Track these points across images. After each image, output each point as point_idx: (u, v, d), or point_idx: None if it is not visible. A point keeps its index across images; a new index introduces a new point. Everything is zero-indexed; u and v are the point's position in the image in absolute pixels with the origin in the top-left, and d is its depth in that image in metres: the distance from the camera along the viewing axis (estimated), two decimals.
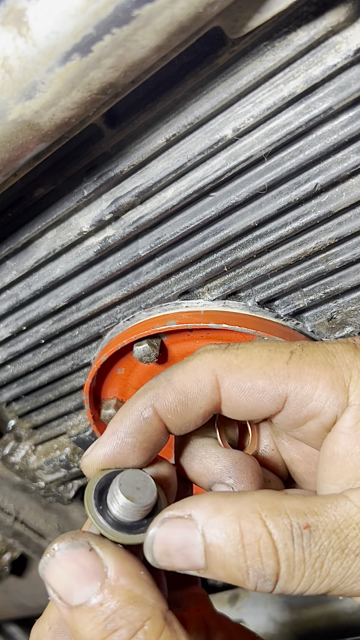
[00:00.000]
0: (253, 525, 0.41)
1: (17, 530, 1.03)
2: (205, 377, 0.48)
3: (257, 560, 0.41)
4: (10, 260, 0.69)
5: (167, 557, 0.43)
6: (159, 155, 0.58)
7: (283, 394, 0.46)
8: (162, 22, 0.40)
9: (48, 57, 0.42)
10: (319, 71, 0.50)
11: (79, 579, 0.43)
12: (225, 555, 0.41)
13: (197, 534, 0.42)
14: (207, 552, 0.42)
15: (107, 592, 0.43)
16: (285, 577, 0.41)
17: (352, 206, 0.57)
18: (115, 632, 0.41)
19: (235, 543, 0.41)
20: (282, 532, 0.41)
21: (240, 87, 0.52)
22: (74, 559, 0.44)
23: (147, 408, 0.48)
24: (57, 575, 0.44)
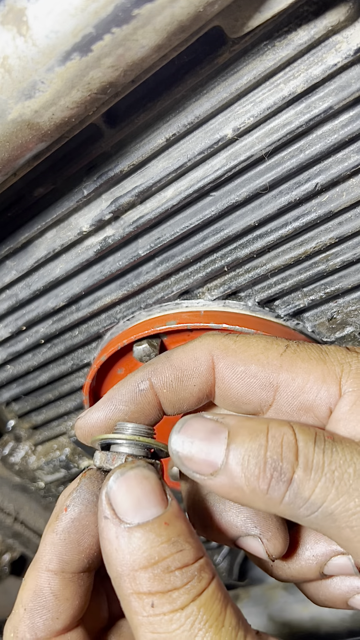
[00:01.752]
0: (280, 425, 0.42)
1: (17, 531, 1.03)
2: (202, 355, 0.49)
3: (277, 451, 0.41)
4: (10, 260, 0.69)
5: (189, 444, 0.43)
6: (159, 155, 0.58)
7: (274, 383, 0.47)
8: (162, 22, 0.40)
9: (48, 56, 0.41)
10: (320, 70, 0.50)
11: (148, 498, 0.43)
12: (248, 449, 0.41)
13: (225, 429, 0.43)
14: (229, 445, 0.42)
15: (173, 517, 0.42)
16: (300, 477, 0.40)
17: (353, 206, 0.56)
18: (181, 552, 0.41)
19: (260, 437, 0.41)
20: (305, 434, 0.42)
21: (240, 86, 0.52)
22: (142, 481, 0.44)
23: (144, 381, 0.49)
24: (123, 492, 0.43)
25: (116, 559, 0.42)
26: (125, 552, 0.41)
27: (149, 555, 0.41)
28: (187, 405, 0.50)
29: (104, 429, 0.49)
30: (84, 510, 0.47)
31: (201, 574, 0.41)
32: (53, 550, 0.47)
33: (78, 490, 0.48)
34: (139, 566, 0.41)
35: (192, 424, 0.44)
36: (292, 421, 0.43)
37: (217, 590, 0.41)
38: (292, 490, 0.41)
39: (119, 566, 0.42)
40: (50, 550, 0.47)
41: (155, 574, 0.41)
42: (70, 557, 0.47)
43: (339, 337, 0.66)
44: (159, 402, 0.50)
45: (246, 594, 1.17)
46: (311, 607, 1.08)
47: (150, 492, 0.43)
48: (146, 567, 0.41)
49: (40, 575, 0.47)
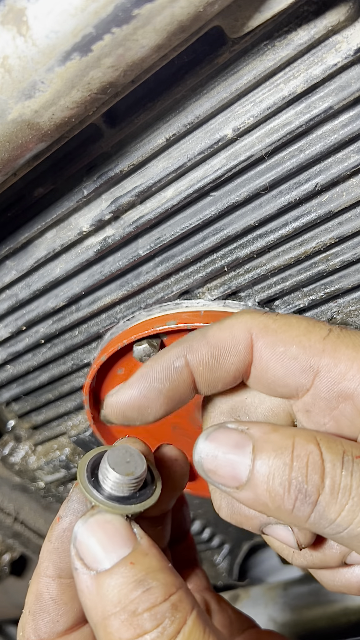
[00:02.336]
0: (306, 442, 0.41)
1: (17, 531, 1.03)
2: (240, 333, 0.47)
3: (302, 472, 0.40)
4: (9, 260, 0.69)
5: (213, 458, 0.43)
6: (159, 155, 0.58)
7: (315, 367, 0.45)
8: (162, 22, 0.40)
9: (48, 56, 0.41)
10: (320, 70, 0.50)
11: (112, 541, 0.42)
12: (272, 466, 0.41)
13: (250, 442, 0.42)
14: (254, 462, 0.41)
15: (140, 555, 0.41)
16: (326, 499, 0.40)
17: (353, 206, 0.56)
18: (147, 591, 0.39)
19: (285, 455, 0.41)
20: (333, 453, 0.41)
21: (240, 86, 0.52)
22: (104, 526, 0.43)
23: (179, 357, 0.48)
24: (87, 541, 0.42)
25: (90, 608, 0.41)
26: (96, 600, 0.40)
27: (116, 600, 0.39)
28: (222, 384, 0.49)
29: (137, 408, 0.48)
30: (74, 520, 0.47)
31: (174, 614, 0.39)
32: (49, 558, 0.48)
33: (69, 501, 0.48)
34: (108, 613, 0.39)
35: (216, 437, 0.44)
36: (319, 434, 0.42)
37: (196, 629, 0.39)
38: (317, 512, 0.40)
39: (93, 616, 0.41)
40: (46, 557, 0.48)
41: (124, 620, 0.39)
42: (64, 564, 0.47)
43: None
44: (193, 380, 0.48)
45: (246, 594, 1.17)
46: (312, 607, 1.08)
47: (113, 535, 0.42)
48: (115, 613, 0.39)
49: (40, 580, 0.48)
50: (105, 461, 0.45)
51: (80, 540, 0.43)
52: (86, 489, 0.45)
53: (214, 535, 1.08)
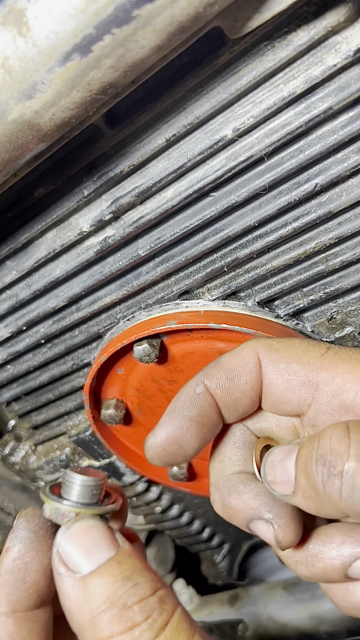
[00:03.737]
0: (336, 427, 0.43)
1: None
2: (248, 355, 0.50)
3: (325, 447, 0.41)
4: (10, 260, 0.69)
5: (271, 469, 0.46)
6: (159, 155, 0.58)
7: (314, 382, 0.47)
8: (162, 22, 0.40)
9: (48, 57, 0.42)
10: (319, 71, 0.50)
11: (97, 545, 0.43)
12: (304, 455, 0.43)
13: (297, 447, 0.45)
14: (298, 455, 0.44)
15: (125, 556, 0.43)
16: (353, 467, 0.40)
17: (352, 206, 0.57)
18: (136, 585, 0.41)
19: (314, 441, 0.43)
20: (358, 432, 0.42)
21: (240, 87, 0.52)
22: (89, 530, 0.44)
23: (198, 385, 0.50)
24: (71, 546, 0.43)
25: (76, 611, 0.41)
26: (83, 602, 0.41)
27: (105, 597, 0.40)
28: (242, 407, 0.51)
29: (174, 442, 0.50)
30: (23, 548, 0.47)
31: (162, 606, 0.40)
32: (1, 593, 0.47)
33: (15, 531, 0.48)
34: (97, 611, 0.40)
35: (274, 452, 0.47)
36: (350, 421, 0.43)
37: (182, 621, 0.40)
38: (346, 482, 0.40)
39: (80, 617, 0.41)
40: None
41: (114, 614, 0.40)
42: (17, 596, 0.47)
43: (338, 337, 0.67)
44: (217, 406, 0.51)
45: (246, 593, 1.17)
46: (311, 606, 1.09)
47: (98, 539, 0.44)
48: (104, 610, 0.40)
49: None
50: (68, 474, 0.48)
51: (64, 547, 0.44)
52: (58, 502, 0.47)
53: (214, 534, 1.08)
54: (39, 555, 0.47)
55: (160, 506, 0.98)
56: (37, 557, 0.47)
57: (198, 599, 1.18)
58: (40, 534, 0.48)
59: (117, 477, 0.92)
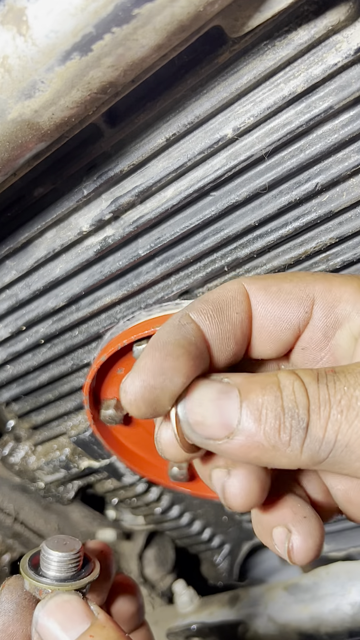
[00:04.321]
0: (288, 374, 0.40)
1: (17, 531, 1.03)
2: (235, 287, 0.47)
3: (291, 399, 0.39)
4: (9, 260, 0.69)
5: (198, 407, 0.41)
6: (159, 155, 0.58)
7: (310, 296, 0.46)
8: (162, 21, 0.40)
9: (48, 56, 0.41)
10: (320, 70, 0.50)
11: (71, 619, 0.45)
12: (264, 402, 0.39)
13: (234, 388, 0.40)
14: (243, 402, 0.39)
15: (98, 628, 0.44)
16: (313, 418, 0.38)
17: (353, 206, 0.56)
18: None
19: (274, 389, 0.40)
20: (307, 375, 0.40)
21: (240, 86, 0.52)
22: (63, 605, 0.46)
23: (183, 316, 0.45)
24: (47, 623, 0.45)
25: None
26: None
27: None
28: (235, 342, 0.47)
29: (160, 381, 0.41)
30: (7, 620, 0.49)
31: None
32: None
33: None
34: None
35: (198, 388, 0.42)
36: (295, 369, 0.42)
37: None
38: (309, 436, 0.39)
39: None
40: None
41: None
42: None
43: None
44: (205, 339, 0.45)
45: (246, 594, 1.17)
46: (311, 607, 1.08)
47: (72, 613, 0.45)
48: None
49: None
50: (45, 549, 0.49)
51: (41, 624, 0.45)
52: (34, 579, 0.48)
53: (214, 535, 1.08)
54: (22, 627, 0.49)
55: (161, 507, 0.98)
56: (21, 628, 0.49)
57: (198, 600, 1.18)
58: (23, 605, 0.49)
59: (117, 477, 0.92)
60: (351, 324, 0.45)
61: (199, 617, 1.15)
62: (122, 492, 0.97)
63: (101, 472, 0.93)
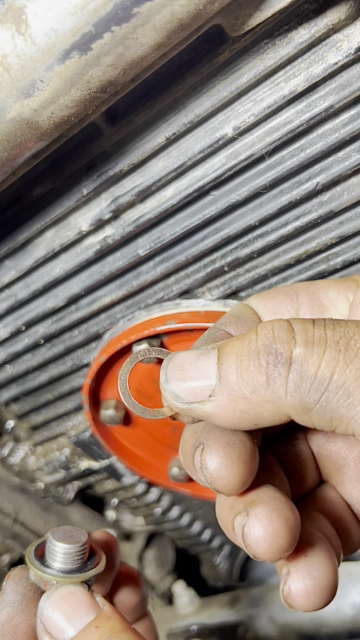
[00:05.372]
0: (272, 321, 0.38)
1: (16, 532, 1.03)
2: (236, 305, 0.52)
3: (267, 337, 0.36)
4: (9, 260, 0.69)
5: (179, 372, 0.39)
6: (158, 154, 0.58)
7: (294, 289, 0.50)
8: (161, 20, 0.40)
9: (47, 55, 0.41)
10: (320, 69, 0.50)
11: (76, 610, 0.45)
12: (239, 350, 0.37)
13: (214, 349, 0.39)
14: (220, 357, 0.37)
15: (103, 619, 0.44)
16: (302, 352, 0.35)
17: (354, 205, 0.56)
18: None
19: (250, 336, 0.37)
20: (301, 321, 0.38)
21: (240, 85, 0.52)
22: (68, 597, 0.46)
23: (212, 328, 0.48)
24: (52, 614, 0.45)
25: None
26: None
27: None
28: None
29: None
30: (12, 612, 0.49)
31: None
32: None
33: (4, 594, 0.50)
34: None
35: (178, 354, 0.41)
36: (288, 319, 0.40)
37: None
38: (294, 370, 0.35)
39: None
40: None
41: None
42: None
43: None
44: None
45: (246, 595, 1.17)
46: None
47: (77, 604, 0.45)
48: None
49: None
50: (51, 540, 0.49)
51: (46, 615, 0.46)
52: (40, 570, 0.48)
53: (214, 536, 1.07)
54: (27, 618, 0.49)
55: (160, 507, 0.97)
56: (26, 619, 0.49)
57: (198, 601, 1.18)
58: (29, 596, 0.49)
59: (117, 478, 0.92)
60: (338, 307, 0.46)
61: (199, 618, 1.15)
62: (122, 493, 0.97)
63: (101, 472, 0.92)
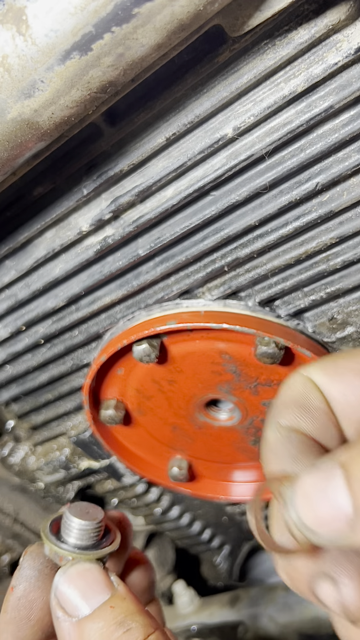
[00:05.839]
0: None
1: (16, 532, 1.03)
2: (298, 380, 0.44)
3: None
4: (9, 260, 0.69)
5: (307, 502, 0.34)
6: (159, 154, 0.58)
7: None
8: (162, 20, 0.40)
9: (47, 55, 0.41)
10: (320, 69, 0.50)
11: (92, 588, 0.45)
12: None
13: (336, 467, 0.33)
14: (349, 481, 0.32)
15: (118, 599, 0.44)
16: None
17: (353, 205, 0.56)
18: (128, 631, 0.42)
19: None
20: None
21: (240, 85, 0.52)
22: (84, 574, 0.46)
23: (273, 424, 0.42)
24: (67, 590, 0.45)
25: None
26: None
27: (108, 633, 0.42)
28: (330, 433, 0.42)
29: None
30: (28, 587, 0.49)
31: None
32: (7, 629, 0.48)
33: (20, 570, 0.50)
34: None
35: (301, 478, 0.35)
36: None
37: None
38: None
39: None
40: (4, 629, 0.49)
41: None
42: (23, 633, 0.48)
43: (339, 337, 0.66)
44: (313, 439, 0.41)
45: (246, 594, 1.17)
46: (311, 608, 1.08)
47: (93, 582, 0.45)
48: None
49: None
50: (67, 515, 0.49)
51: (61, 590, 0.45)
52: (56, 545, 0.48)
53: (214, 536, 1.08)
54: (43, 594, 0.49)
55: (161, 507, 0.97)
56: (42, 595, 0.49)
57: (198, 601, 1.18)
58: (45, 572, 0.49)
59: (117, 478, 0.92)
60: None
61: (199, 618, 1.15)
62: (122, 493, 0.97)
63: (101, 472, 0.93)
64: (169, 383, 0.73)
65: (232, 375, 0.70)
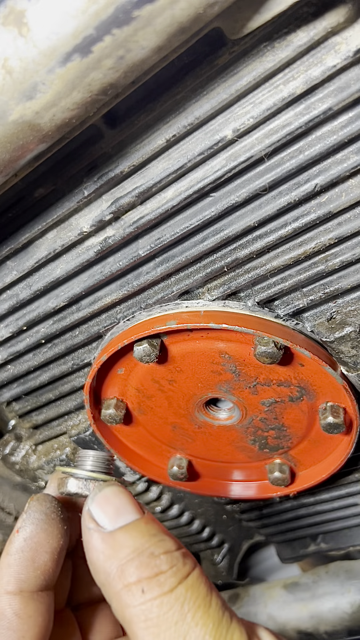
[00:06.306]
0: None
1: None
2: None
3: None
4: (10, 261, 0.69)
5: None
6: (159, 156, 0.58)
7: None
8: (162, 23, 0.40)
9: (48, 57, 0.42)
10: (319, 72, 0.50)
11: (126, 507, 0.48)
12: None
13: None
14: None
15: (150, 520, 0.47)
16: None
17: (352, 206, 0.57)
18: (162, 541, 0.45)
19: None
20: None
21: (240, 87, 0.52)
22: (118, 494, 0.49)
23: None
24: (102, 505, 0.48)
25: (103, 561, 0.45)
26: (112, 552, 0.45)
27: (133, 548, 0.44)
28: None
29: None
30: (35, 529, 0.50)
31: (185, 560, 0.45)
32: (9, 572, 0.49)
33: (28, 512, 0.50)
34: (125, 559, 0.44)
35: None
36: None
37: (202, 575, 0.45)
38: None
39: (108, 566, 0.45)
40: (6, 572, 0.49)
41: (142, 562, 0.44)
42: (26, 575, 0.49)
43: (338, 337, 0.67)
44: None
45: (246, 592, 1.17)
46: (311, 606, 1.09)
47: (126, 503, 0.48)
48: (132, 558, 0.44)
49: (1, 598, 0.49)
50: (82, 451, 0.52)
51: (96, 505, 0.48)
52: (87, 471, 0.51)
53: (214, 534, 1.08)
54: (49, 538, 0.49)
55: (160, 506, 0.98)
56: (48, 539, 0.49)
57: None
58: (52, 517, 0.51)
59: (117, 476, 0.92)
60: None
61: None
62: None
63: None
64: (169, 382, 0.74)
65: (232, 375, 0.70)
